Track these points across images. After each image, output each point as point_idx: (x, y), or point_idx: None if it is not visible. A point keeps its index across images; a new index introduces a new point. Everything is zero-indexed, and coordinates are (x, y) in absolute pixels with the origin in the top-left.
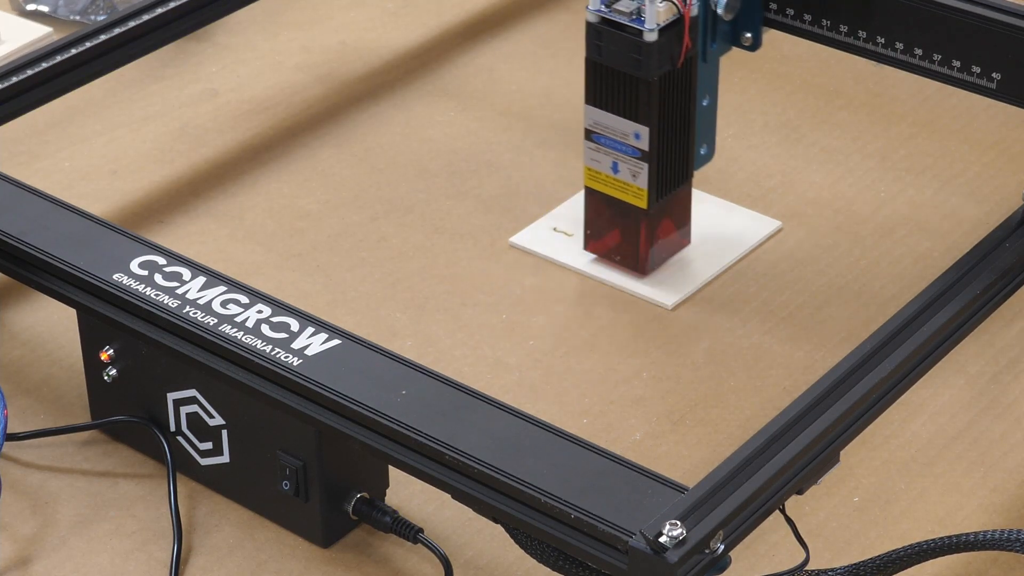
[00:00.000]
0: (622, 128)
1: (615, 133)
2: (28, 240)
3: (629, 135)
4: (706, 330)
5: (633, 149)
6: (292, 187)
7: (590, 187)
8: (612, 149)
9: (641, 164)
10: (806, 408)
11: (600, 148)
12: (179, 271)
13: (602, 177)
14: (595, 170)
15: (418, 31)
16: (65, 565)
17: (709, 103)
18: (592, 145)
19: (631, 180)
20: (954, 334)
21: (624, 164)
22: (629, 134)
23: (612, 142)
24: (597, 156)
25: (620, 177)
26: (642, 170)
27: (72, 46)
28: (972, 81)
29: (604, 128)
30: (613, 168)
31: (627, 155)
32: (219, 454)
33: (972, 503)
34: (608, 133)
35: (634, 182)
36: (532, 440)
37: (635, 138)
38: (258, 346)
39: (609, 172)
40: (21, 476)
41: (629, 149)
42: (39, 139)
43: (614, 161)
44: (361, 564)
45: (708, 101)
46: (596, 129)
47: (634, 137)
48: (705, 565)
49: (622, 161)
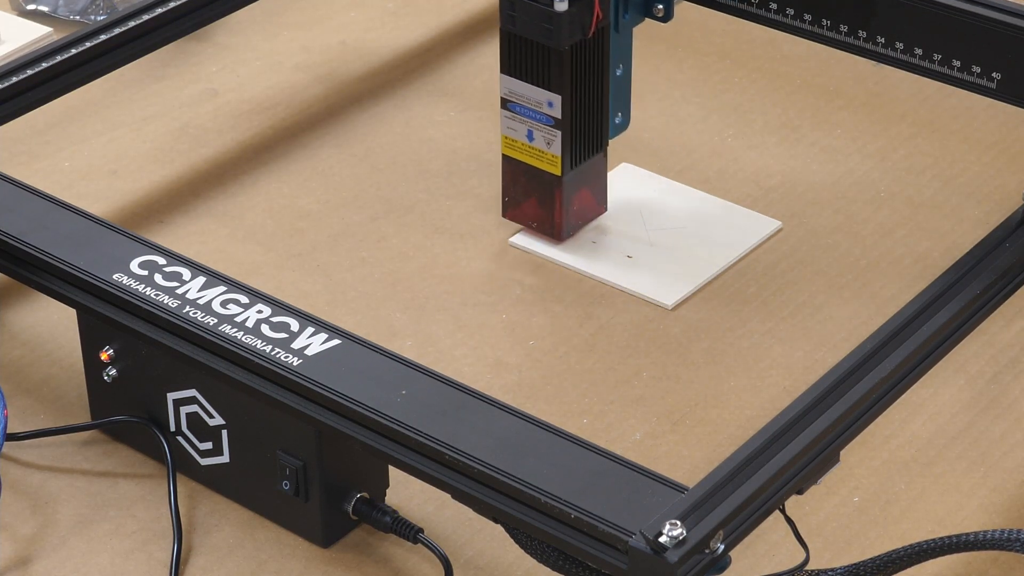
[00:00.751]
0: (536, 96)
1: (529, 101)
2: (28, 240)
3: (543, 103)
4: (706, 330)
5: (547, 117)
6: (292, 187)
7: (507, 155)
8: (527, 117)
9: (555, 132)
10: (806, 408)
11: (516, 116)
12: (179, 271)
13: (518, 145)
14: (511, 138)
15: (418, 31)
16: (65, 565)
17: (623, 73)
18: (508, 114)
19: (545, 148)
20: (954, 334)
21: (539, 132)
22: (543, 102)
23: (527, 110)
24: (513, 124)
25: (535, 145)
26: (556, 138)
27: (72, 46)
28: (972, 81)
29: (519, 97)
30: (528, 136)
31: (541, 123)
32: (219, 454)
33: (972, 503)
34: (523, 102)
35: (548, 150)
36: (532, 440)
37: (548, 106)
38: (258, 346)
39: (525, 140)
40: (21, 476)
41: (543, 117)
42: (39, 139)
43: (529, 129)
44: (361, 564)
45: (622, 71)
46: (511, 98)
47: (547, 105)
48: (705, 565)
49: (536, 129)
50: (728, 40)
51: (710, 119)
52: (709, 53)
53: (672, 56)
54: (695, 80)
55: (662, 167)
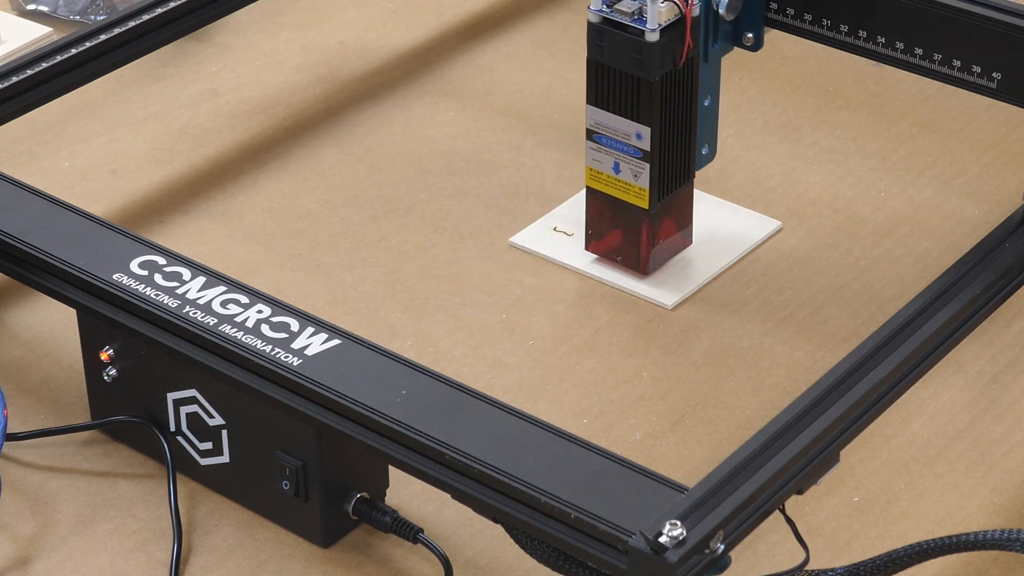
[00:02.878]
0: (624, 128)
1: (617, 133)
2: (28, 240)
3: (631, 135)
4: (706, 330)
5: (635, 149)
6: (292, 187)
7: (591, 187)
8: (614, 149)
9: (643, 164)
10: (806, 408)
11: (602, 148)
12: (179, 271)
13: (604, 177)
14: (597, 170)
15: (418, 31)
16: (65, 565)
17: (711, 103)
18: (594, 145)
19: (633, 180)
20: (954, 334)
21: (626, 164)
22: (631, 134)
23: (614, 142)
24: (599, 156)
25: (622, 177)
26: (643, 170)
27: (72, 46)
28: (972, 81)
29: (606, 128)
30: (615, 168)
31: (629, 155)
32: (219, 454)
33: (972, 503)
34: (610, 133)
35: (635, 182)
36: (532, 440)
37: (637, 138)
38: (258, 346)
39: (611, 172)
40: (21, 476)
41: (631, 149)
42: (39, 139)
43: (616, 161)
44: (361, 564)
45: (710, 101)
46: (598, 129)
47: (636, 137)
48: (705, 565)
49: (624, 161)
50: None
51: None
52: None
53: None
54: None
55: None
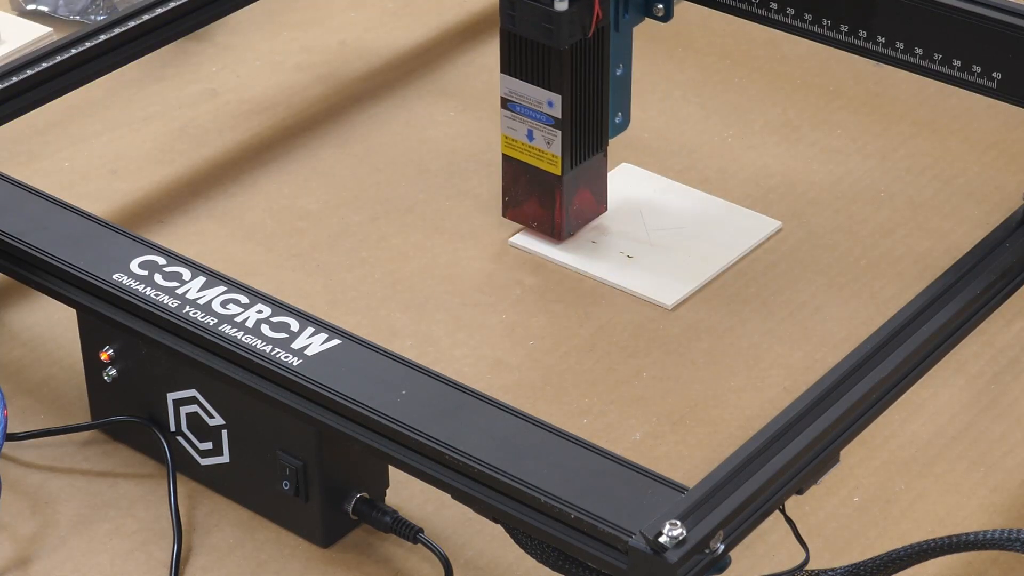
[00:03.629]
0: (536, 96)
1: (529, 101)
2: (28, 240)
3: (543, 103)
4: (706, 330)
5: (547, 117)
6: (292, 187)
7: (507, 155)
8: (527, 117)
9: (555, 131)
10: (806, 408)
11: (516, 116)
12: (179, 271)
13: (518, 145)
14: (511, 138)
15: (418, 31)
16: (65, 565)
17: (623, 72)
18: (508, 113)
19: (545, 147)
20: (954, 334)
21: (539, 132)
22: (543, 102)
23: (527, 110)
24: (513, 124)
25: (535, 144)
26: (556, 137)
27: (72, 46)
28: (972, 81)
29: (519, 96)
30: (528, 136)
31: (541, 123)
32: (219, 454)
33: (972, 503)
34: (523, 101)
35: (548, 149)
36: (532, 440)
37: (548, 106)
38: (258, 346)
39: (525, 140)
40: (21, 476)
41: (543, 117)
42: (39, 139)
43: (529, 129)
44: (361, 564)
45: (622, 71)
46: (512, 97)
47: (547, 105)
48: (705, 565)
49: (537, 129)
50: (728, 40)
51: (710, 119)
52: (710, 53)
53: (672, 56)
54: (695, 80)
55: (662, 167)
